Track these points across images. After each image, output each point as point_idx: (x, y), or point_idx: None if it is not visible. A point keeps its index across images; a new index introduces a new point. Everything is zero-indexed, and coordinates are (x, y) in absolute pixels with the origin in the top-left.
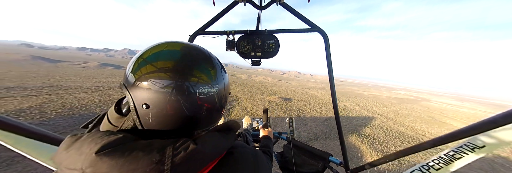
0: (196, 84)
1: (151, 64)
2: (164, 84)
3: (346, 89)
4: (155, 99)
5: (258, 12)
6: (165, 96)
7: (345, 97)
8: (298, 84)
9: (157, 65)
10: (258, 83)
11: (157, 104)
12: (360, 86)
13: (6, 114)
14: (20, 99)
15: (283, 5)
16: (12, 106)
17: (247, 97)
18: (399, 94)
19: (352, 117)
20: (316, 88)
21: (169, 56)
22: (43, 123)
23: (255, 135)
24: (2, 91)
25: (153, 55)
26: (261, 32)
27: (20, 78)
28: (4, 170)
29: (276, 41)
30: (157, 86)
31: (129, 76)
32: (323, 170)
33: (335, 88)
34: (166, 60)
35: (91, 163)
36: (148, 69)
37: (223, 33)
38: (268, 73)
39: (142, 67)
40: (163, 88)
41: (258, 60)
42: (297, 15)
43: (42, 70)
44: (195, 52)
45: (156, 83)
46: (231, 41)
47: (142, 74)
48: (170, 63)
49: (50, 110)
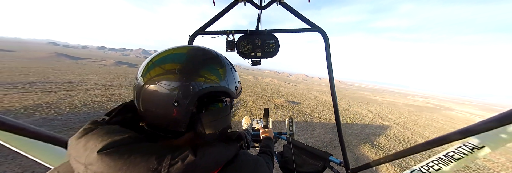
0: (203, 84)
1: (159, 66)
2: (171, 86)
3: (358, 94)
4: (162, 101)
5: (258, 12)
6: (172, 97)
7: (357, 102)
8: (306, 87)
9: (165, 67)
10: (264, 85)
11: (164, 105)
12: (373, 91)
13: (24, 109)
14: (40, 94)
15: (283, 5)
16: (31, 101)
17: (253, 99)
18: (417, 101)
19: (364, 124)
20: (325, 92)
21: (175, 59)
22: (56, 118)
23: (255, 135)
24: (26, 86)
25: (161, 59)
26: (261, 32)
27: (43, 74)
28: (8, 163)
29: (276, 41)
30: (164, 88)
31: (139, 79)
32: (323, 170)
33: (335, 88)
34: (172, 62)
35: (93, 161)
36: (156, 71)
37: (223, 33)
38: (274, 75)
39: (150, 70)
40: (169, 90)
41: (258, 60)
42: (297, 15)
43: (63, 66)
44: (201, 52)
45: (163, 84)
46: (231, 41)
47: (150, 76)
48: (176, 65)
49: (65, 106)
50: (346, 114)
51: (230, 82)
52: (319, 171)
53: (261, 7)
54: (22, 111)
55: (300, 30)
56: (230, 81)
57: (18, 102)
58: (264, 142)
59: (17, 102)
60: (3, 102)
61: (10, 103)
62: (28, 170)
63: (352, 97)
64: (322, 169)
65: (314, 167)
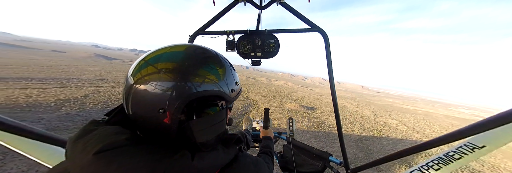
0: (201, 84)
1: (152, 65)
2: (164, 86)
3: (385, 102)
4: (150, 104)
5: (258, 12)
6: (165, 98)
7: (384, 111)
8: (323, 91)
9: (158, 66)
10: (277, 88)
11: (152, 109)
12: (403, 99)
13: (55, 103)
14: (73, 89)
15: (283, 5)
16: (63, 96)
17: (265, 102)
18: (462, 113)
19: (396, 139)
20: (345, 98)
21: (171, 58)
22: (78, 114)
23: (255, 135)
24: (64, 81)
25: (155, 57)
26: (261, 32)
27: (81, 71)
28: (12, 158)
29: (276, 41)
30: (157, 88)
31: (129, 79)
32: (323, 170)
33: (335, 88)
34: (167, 61)
35: (89, 162)
36: (147, 71)
37: (223, 33)
38: (289, 77)
39: (142, 69)
40: (162, 90)
41: (258, 60)
42: (297, 15)
43: (99, 65)
44: (200, 51)
45: (156, 85)
46: (231, 41)
47: (141, 76)
48: (171, 64)
49: (90, 102)
50: (372, 124)
51: (229, 83)
52: (319, 171)
53: (261, 7)
54: (51, 106)
55: (300, 30)
56: (229, 82)
57: (52, 96)
58: (264, 142)
59: (51, 96)
60: (40, 95)
61: (45, 97)
62: (32, 168)
63: (378, 105)
64: (322, 169)
65: (314, 167)
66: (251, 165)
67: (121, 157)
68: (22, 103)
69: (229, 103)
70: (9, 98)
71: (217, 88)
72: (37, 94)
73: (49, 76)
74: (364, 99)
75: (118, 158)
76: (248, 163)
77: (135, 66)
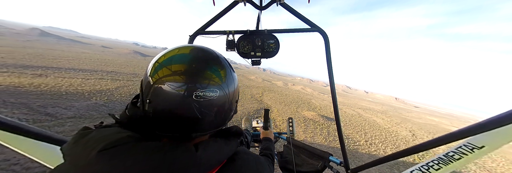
0: (207, 85)
1: (166, 67)
2: (177, 86)
3: (425, 119)
4: (168, 100)
5: (258, 12)
6: (177, 97)
7: (426, 132)
8: (347, 101)
9: (171, 68)
10: (294, 93)
11: (168, 104)
12: (452, 118)
13: (88, 93)
14: (109, 81)
15: (283, 5)
16: (98, 87)
17: (279, 108)
18: None
19: None
20: (375, 111)
21: (180, 60)
22: (105, 105)
23: (255, 135)
24: (104, 74)
25: (167, 60)
26: (261, 32)
27: (119, 65)
28: (14, 155)
29: (276, 41)
30: (170, 88)
31: (148, 78)
32: (323, 169)
33: (335, 90)
34: (178, 63)
35: (93, 160)
36: (164, 72)
37: (223, 33)
38: (307, 83)
39: (158, 70)
40: (175, 90)
41: (258, 60)
42: (297, 15)
43: (135, 61)
44: (203, 53)
45: (170, 85)
46: (231, 41)
47: (158, 77)
48: (182, 66)
49: (117, 94)
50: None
51: (229, 84)
52: (319, 171)
53: (261, 7)
54: (85, 95)
55: (300, 30)
56: (229, 83)
57: (90, 87)
58: (264, 144)
59: (89, 87)
60: (81, 85)
61: (84, 87)
62: None
63: (416, 123)
64: (322, 169)
65: (314, 167)
66: (253, 163)
67: (125, 153)
68: (63, 91)
69: None
70: (55, 86)
71: (225, 86)
72: (78, 83)
73: (93, 68)
74: (398, 114)
75: (122, 155)
76: (250, 160)
77: (152, 67)
